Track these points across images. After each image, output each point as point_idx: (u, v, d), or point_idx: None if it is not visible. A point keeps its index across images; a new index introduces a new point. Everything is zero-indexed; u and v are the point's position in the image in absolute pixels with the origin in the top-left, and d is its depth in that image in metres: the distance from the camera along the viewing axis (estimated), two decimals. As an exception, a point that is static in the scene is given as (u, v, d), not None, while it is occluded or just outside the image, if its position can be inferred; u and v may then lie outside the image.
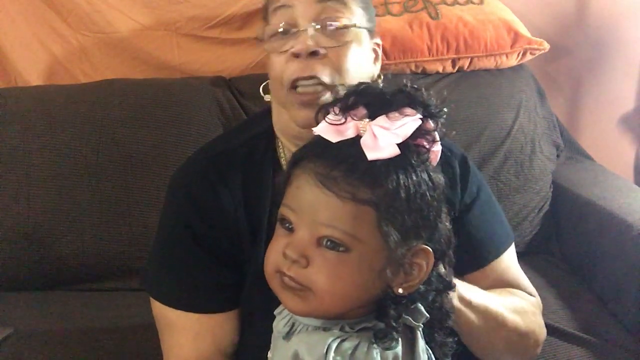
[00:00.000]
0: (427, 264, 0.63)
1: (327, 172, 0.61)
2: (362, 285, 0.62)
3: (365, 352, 0.61)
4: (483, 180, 1.00)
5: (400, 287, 0.63)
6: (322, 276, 0.61)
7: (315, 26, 0.83)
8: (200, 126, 1.39)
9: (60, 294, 1.35)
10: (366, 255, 0.61)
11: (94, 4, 1.54)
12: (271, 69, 0.87)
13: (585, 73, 1.84)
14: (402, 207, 0.60)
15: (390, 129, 0.61)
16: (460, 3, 1.54)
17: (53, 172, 1.35)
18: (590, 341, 1.16)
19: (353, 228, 0.60)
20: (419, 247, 0.63)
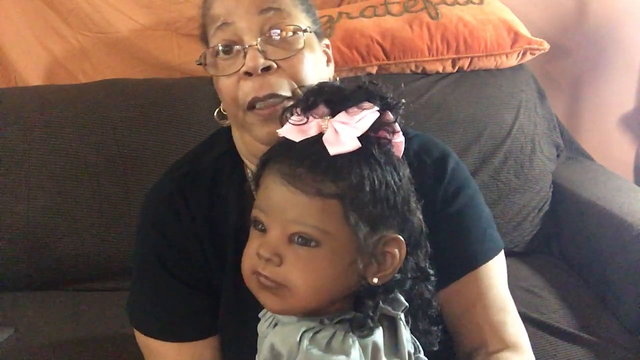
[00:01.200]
0: (400, 253, 0.65)
1: (292, 170, 0.63)
2: (336, 277, 0.63)
3: (341, 340, 0.62)
4: (468, 184, 0.90)
5: (374, 277, 0.65)
6: (296, 272, 0.63)
7: (261, 40, 0.79)
8: (200, 126, 1.39)
9: (60, 294, 1.35)
10: (337, 247, 0.63)
11: (94, 4, 1.54)
12: (222, 92, 0.83)
13: (585, 73, 1.84)
14: (367, 198, 0.62)
15: (350, 124, 0.63)
16: (460, 3, 1.54)
17: (53, 172, 1.35)
18: (590, 341, 1.16)
19: (321, 222, 0.62)
20: (390, 236, 0.65)
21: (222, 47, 0.82)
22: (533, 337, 1.17)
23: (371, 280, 0.65)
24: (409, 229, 0.66)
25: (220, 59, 0.83)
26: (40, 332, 1.21)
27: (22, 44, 1.55)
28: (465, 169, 0.92)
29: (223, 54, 0.82)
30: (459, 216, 0.86)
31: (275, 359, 0.63)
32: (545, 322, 1.21)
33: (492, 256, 0.87)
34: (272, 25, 0.80)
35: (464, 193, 0.88)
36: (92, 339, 1.19)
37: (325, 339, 0.62)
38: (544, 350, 1.15)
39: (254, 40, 0.79)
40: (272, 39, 0.80)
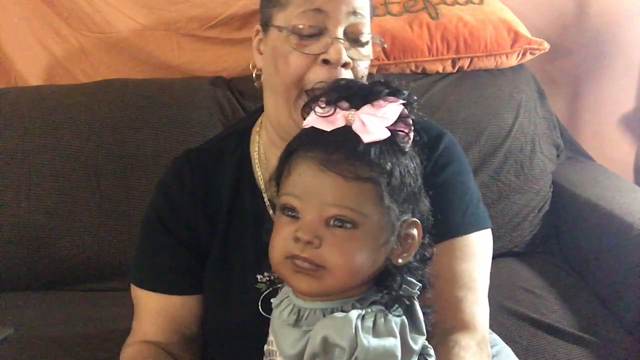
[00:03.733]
0: (418, 234, 0.70)
1: (328, 157, 0.66)
2: (370, 258, 0.67)
3: (383, 323, 0.65)
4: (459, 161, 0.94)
5: (399, 257, 0.69)
6: (336, 253, 0.65)
7: (346, 37, 0.85)
8: (200, 126, 1.39)
9: (60, 294, 1.35)
10: (372, 229, 0.66)
11: (94, 4, 1.54)
12: (289, 66, 0.86)
13: (585, 73, 1.84)
14: (397, 183, 0.67)
15: (377, 115, 0.67)
16: (460, 3, 1.54)
17: (53, 172, 1.35)
18: (590, 341, 1.16)
19: (358, 205, 0.66)
20: (411, 219, 0.69)
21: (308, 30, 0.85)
22: (533, 337, 1.18)
23: (396, 260, 0.69)
24: (421, 213, 0.71)
25: (298, 35, 0.86)
26: (40, 332, 1.21)
27: (22, 44, 1.55)
28: (461, 151, 0.96)
29: (305, 36, 0.86)
30: (443, 187, 0.89)
31: (328, 350, 0.65)
32: (545, 322, 1.21)
33: (471, 231, 0.89)
34: (354, 27, 0.86)
35: (452, 167, 0.92)
36: (92, 339, 1.19)
37: (369, 323, 0.65)
38: (544, 350, 1.15)
39: (340, 34, 0.85)
40: (353, 41, 0.86)
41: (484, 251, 0.92)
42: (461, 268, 0.87)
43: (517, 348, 1.12)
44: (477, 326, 0.86)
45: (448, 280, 0.86)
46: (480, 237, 0.91)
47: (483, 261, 0.91)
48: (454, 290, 0.86)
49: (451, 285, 0.86)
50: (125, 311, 1.26)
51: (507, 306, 1.25)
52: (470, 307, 0.86)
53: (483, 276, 0.90)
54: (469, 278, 0.88)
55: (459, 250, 0.88)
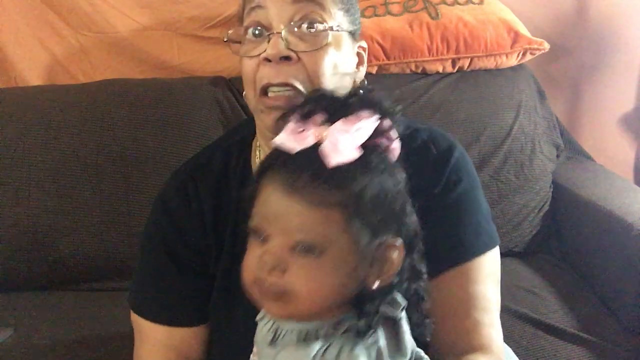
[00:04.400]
0: (399, 256, 0.65)
1: (293, 181, 0.62)
2: (338, 284, 0.63)
3: (347, 353, 0.62)
4: (470, 176, 0.89)
5: (375, 281, 0.65)
6: (300, 280, 0.62)
7: (288, 29, 0.80)
8: (200, 126, 1.39)
9: (60, 294, 1.35)
10: (339, 255, 0.63)
11: (94, 4, 1.54)
12: (243, 73, 0.84)
13: (585, 73, 1.84)
14: (367, 206, 0.62)
15: (349, 132, 0.62)
16: (460, 3, 1.54)
17: (53, 172, 1.35)
18: (590, 341, 1.16)
19: (324, 231, 0.62)
20: (389, 241, 0.65)
21: (252, 30, 0.83)
22: (533, 337, 1.17)
23: (372, 284, 0.65)
24: (405, 233, 0.66)
25: (248, 40, 0.83)
26: (40, 332, 1.21)
27: (22, 44, 1.55)
28: (470, 163, 0.91)
29: (252, 35, 0.83)
30: (456, 205, 0.86)
31: None
32: (545, 322, 1.21)
33: (485, 251, 0.86)
34: (303, 16, 0.80)
35: (463, 183, 0.87)
36: (92, 339, 1.19)
37: (331, 356, 0.62)
38: (544, 350, 1.15)
39: (281, 28, 0.80)
40: (300, 30, 0.80)
41: (496, 269, 0.89)
42: (476, 290, 0.84)
43: (517, 348, 1.12)
44: (494, 349, 0.84)
45: (464, 304, 0.83)
46: (492, 256, 0.87)
47: (496, 280, 0.88)
48: (470, 314, 0.83)
49: (467, 309, 0.83)
50: (125, 311, 1.26)
51: (507, 306, 1.25)
52: (487, 329, 0.84)
53: (496, 295, 0.87)
54: (484, 299, 0.85)
55: (473, 272, 0.85)
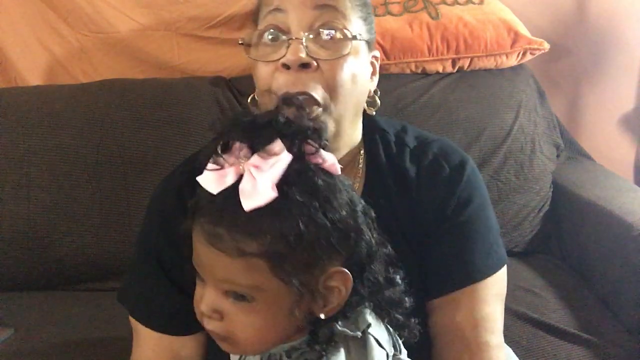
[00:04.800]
0: (344, 284, 0.63)
1: (212, 229, 0.60)
2: (278, 324, 0.63)
3: None
4: (481, 195, 0.88)
5: (321, 311, 0.63)
6: (237, 326, 0.62)
7: (308, 35, 0.78)
8: (200, 126, 1.39)
9: (60, 294, 1.35)
10: (272, 299, 0.61)
11: (94, 4, 1.54)
12: (258, 78, 0.82)
13: (585, 73, 1.84)
14: (293, 248, 0.58)
15: (264, 169, 0.58)
16: (460, 3, 1.54)
17: (53, 172, 1.35)
18: (590, 341, 1.16)
19: (250, 280, 0.60)
20: (331, 271, 0.62)
21: (268, 33, 0.80)
22: (533, 337, 1.17)
23: (318, 315, 0.63)
24: (356, 254, 0.64)
25: (263, 44, 0.81)
26: (40, 332, 1.21)
27: (22, 44, 1.55)
28: (481, 179, 0.90)
29: (269, 40, 0.80)
30: (467, 225, 0.85)
31: None
32: (545, 322, 1.21)
33: (495, 271, 0.85)
34: (323, 23, 0.79)
35: (474, 202, 0.86)
36: (91, 339, 1.19)
37: None
38: (544, 350, 1.15)
39: (301, 34, 0.78)
40: (320, 37, 0.78)
41: (503, 289, 0.88)
42: (486, 312, 0.83)
43: (517, 348, 1.12)
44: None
45: (472, 326, 0.82)
46: (500, 276, 0.86)
47: (502, 299, 0.88)
48: (478, 336, 0.82)
49: (476, 331, 0.82)
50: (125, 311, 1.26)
51: (507, 306, 1.22)
52: (494, 352, 0.83)
53: (501, 314, 0.87)
54: (492, 321, 0.84)
55: (482, 293, 0.84)
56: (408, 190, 0.86)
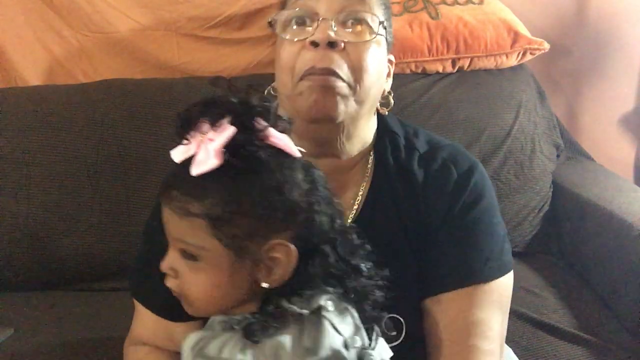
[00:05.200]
0: (287, 257, 0.66)
1: (168, 191, 0.67)
2: (223, 286, 0.67)
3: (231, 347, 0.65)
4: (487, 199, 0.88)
5: (264, 280, 0.67)
6: (187, 284, 0.68)
7: (337, 18, 0.81)
8: (200, 126, 1.39)
9: (60, 294, 1.35)
10: (215, 260, 0.66)
11: (94, 4, 1.54)
12: (281, 60, 0.84)
13: (585, 73, 1.84)
14: (230, 214, 0.64)
15: (215, 140, 0.63)
16: (460, 3, 1.54)
17: (53, 172, 1.35)
18: (590, 341, 1.16)
19: (195, 239, 0.65)
20: (274, 242, 0.66)
21: (296, 18, 0.83)
22: (533, 337, 1.17)
23: (262, 284, 0.67)
24: (305, 233, 0.67)
25: (290, 27, 0.84)
26: (40, 332, 1.21)
27: (22, 44, 1.55)
28: (489, 185, 0.91)
29: (296, 24, 0.83)
30: (468, 228, 0.85)
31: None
32: (545, 322, 1.21)
33: (492, 278, 0.84)
34: (350, 12, 0.82)
35: (479, 206, 0.86)
36: (92, 339, 1.19)
37: (216, 347, 0.66)
38: (544, 350, 1.15)
39: (330, 16, 0.81)
40: (347, 23, 0.82)
41: (504, 298, 0.86)
42: (478, 316, 0.82)
43: (517, 348, 1.12)
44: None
45: (464, 328, 0.82)
46: (501, 284, 0.85)
47: (502, 309, 0.85)
48: (469, 339, 0.81)
49: (467, 334, 0.81)
50: (125, 311, 1.26)
51: None
52: (484, 357, 0.81)
53: (500, 323, 0.84)
54: (486, 327, 0.82)
55: (476, 298, 0.83)
56: (414, 193, 0.87)
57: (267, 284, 0.67)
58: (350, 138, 0.87)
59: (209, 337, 0.67)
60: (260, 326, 0.65)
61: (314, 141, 0.85)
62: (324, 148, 0.87)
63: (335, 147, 0.87)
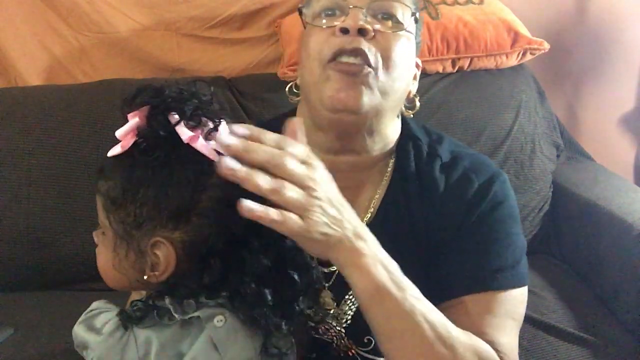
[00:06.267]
0: (166, 257, 0.65)
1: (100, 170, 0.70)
2: (116, 266, 0.69)
3: (108, 324, 0.69)
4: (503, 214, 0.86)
5: (145, 274, 0.67)
6: (97, 255, 0.72)
7: (369, 7, 0.81)
8: (200, 126, 1.39)
9: (60, 294, 1.35)
10: (111, 237, 0.68)
11: (94, 4, 1.54)
12: (309, 47, 0.83)
13: (585, 73, 1.84)
14: (121, 199, 0.66)
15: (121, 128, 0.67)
16: (460, 3, 1.54)
17: (53, 172, 1.35)
18: (590, 341, 1.16)
19: (99, 214, 0.69)
20: (154, 239, 0.65)
21: (326, 11, 0.83)
22: (533, 337, 1.17)
23: (147, 277, 0.67)
24: (192, 233, 0.65)
25: (319, 20, 0.84)
26: (40, 332, 1.21)
27: (22, 44, 1.55)
28: (510, 196, 0.88)
29: (325, 15, 0.83)
30: (484, 236, 0.84)
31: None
32: (545, 322, 1.21)
33: (503, 288, 0.82)
34: (381, 5, 0.82)
35: (495, 216, 0.85)
36: (92, 339, 1.19)
37: (102, 321, 0.70)
38: (544, 350, 1.15)
39: (361, 4, 0.81)
40: (377, 16, 0.82)
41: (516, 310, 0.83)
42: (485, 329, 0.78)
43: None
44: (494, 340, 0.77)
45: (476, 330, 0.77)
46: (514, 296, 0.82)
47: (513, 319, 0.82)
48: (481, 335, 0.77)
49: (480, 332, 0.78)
50: (125, 311, 1.25)
51: None
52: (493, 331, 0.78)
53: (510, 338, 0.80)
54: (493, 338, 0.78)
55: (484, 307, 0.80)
56: (433, 201, 0.86)
57: (148, 278, 0.67)
58: (372, 134, 0.86)
59: (108, 309, 0.71)
60: (134, 315, 0.66)
61: (336, 134, 0.84)
62: (345, 143, 0.86)
63: (357, 143, 0.86)
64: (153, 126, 0.65)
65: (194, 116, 0.64)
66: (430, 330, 0.70)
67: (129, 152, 0.65)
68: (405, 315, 0.69)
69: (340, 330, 0.85)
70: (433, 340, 0.70)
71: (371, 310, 0.70)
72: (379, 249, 0.71)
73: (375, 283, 0.68)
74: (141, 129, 0.65)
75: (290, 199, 0.63)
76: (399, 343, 0.70)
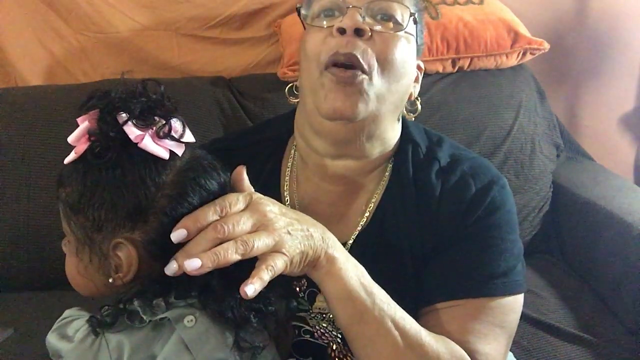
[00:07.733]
0: (128, 257, 0.65)
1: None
2: (82, 272, 0.69)
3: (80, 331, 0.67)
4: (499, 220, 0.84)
5: (112, 277, 0.67)
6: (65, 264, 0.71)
7: (366, 8, 0.80)
8: (200, 126, 1.39)
9: (60, 294, 1.35)
10: (73, 243, 0.68)
11: (94, 4, 1.54)
12: (307, 48, 0.82)
13: (585, 73, 1.84)
14: (81, 205, 0.65)
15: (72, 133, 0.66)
16: (460, 3, 1.54)
17: (53, 172, 1.35)
18: (590, 341, 1.16)
19: (63, 222, 0.69)
20: (116, 240, 0.65)
21: (325, 12, 0.83)
22: (533, 337, 1.17)
23: (111, 279, 0.67)
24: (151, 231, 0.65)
25: (319, 20, 0.83)
26: (40, 332, 1.20)
27: (22, 44, 1.55)
28: (509, 201, 0.87)
29: (324, 16, 0.83)
30: (478, 242, 0.82)
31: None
32: (545, 322, 1.21)
33: (495, 295, 0.80)
34: (381, 6, 0.81)
35: (490, 221, 0.83)
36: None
37: (74, 328, 0.68)
38: (544, 350, 1.15)
39: (360, 4, 0.80)
40: (376, 17, 0.81)
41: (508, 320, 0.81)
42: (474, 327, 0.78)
43: (517, 348, 1.12)
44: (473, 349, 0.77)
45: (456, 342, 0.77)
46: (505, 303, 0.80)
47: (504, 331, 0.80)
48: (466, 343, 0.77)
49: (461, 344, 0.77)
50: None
51: None
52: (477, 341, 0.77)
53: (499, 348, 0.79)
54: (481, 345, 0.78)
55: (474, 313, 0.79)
56: (428, 205, 0.85)
57: (113, 280, 0.67)
58: (371, 139, 0.85)
59: (80, 316, 0.69)
60: (104, 320, 0.65)
61: (332, 140, 0.84)
62: (342, 148, 0.85)
63: (354, 148, 0.85)
64: (102, 128, 0.65)
65: (144, 115, 0.65)
66: (400, 337, 0.71)
67: (83, 157, 0.65)
68: (375, 320, 0.71)
69: (337, 335, 0.85)
70: (404, 346, 0.71)
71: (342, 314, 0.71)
72: (346, 253, 0.73)
73: (348, 288, 0.70)
74: (92, 132, 0.65)
75: (261, 249, 0.64)
76: (370, 350, 0.72)
